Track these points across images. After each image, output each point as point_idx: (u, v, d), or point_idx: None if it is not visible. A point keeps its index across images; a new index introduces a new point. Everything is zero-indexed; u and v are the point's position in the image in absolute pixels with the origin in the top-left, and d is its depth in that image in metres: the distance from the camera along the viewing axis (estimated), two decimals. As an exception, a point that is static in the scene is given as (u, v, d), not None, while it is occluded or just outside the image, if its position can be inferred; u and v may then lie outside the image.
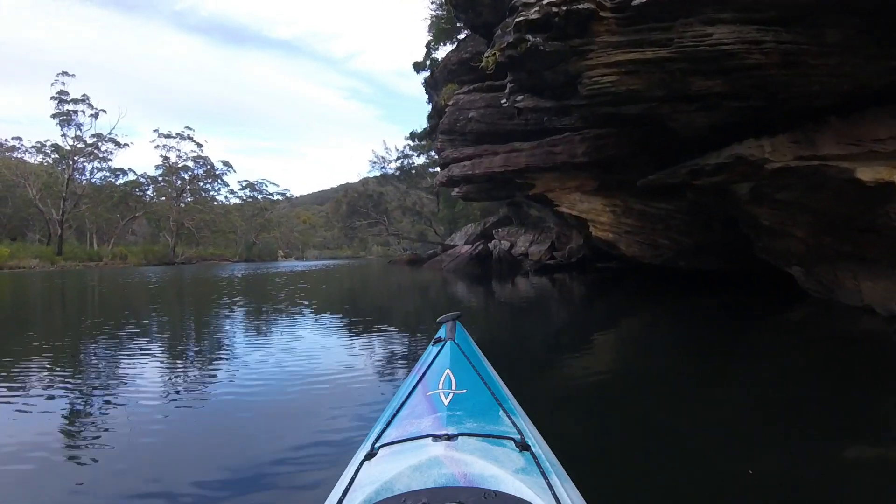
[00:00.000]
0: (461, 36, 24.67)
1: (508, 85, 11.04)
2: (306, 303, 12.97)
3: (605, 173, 14.48)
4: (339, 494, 1.40)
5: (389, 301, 14.64)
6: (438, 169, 23.16)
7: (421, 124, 47.27)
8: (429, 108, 27.72)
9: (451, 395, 1.92)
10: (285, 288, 18.78)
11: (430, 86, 22.36)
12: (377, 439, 1.72)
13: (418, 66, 37.27)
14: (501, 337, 8.38)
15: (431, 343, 2.70)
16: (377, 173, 58.27)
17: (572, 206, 15.50)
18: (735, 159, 9.79)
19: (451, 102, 18.05)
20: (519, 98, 11.07)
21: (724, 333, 8.13)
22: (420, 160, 53.79)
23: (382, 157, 57.01)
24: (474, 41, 18.74)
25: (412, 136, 49.94)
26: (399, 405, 1.97)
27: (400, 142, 67.42)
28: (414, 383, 2.14)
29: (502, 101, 12.11)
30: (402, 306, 13.09)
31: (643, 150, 13.37)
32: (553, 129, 14.72)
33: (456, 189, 21.50)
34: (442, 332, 2.68)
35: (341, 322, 9.53)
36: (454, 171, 17.67)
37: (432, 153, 49.92)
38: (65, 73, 60.94)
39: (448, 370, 2.14)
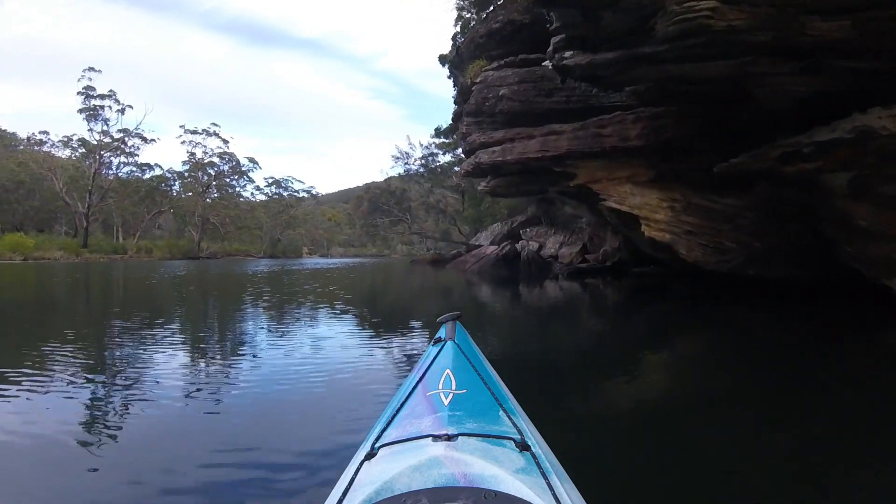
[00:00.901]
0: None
1: (552, 41, 8.41)
2: (318, 303, 12.13)
3: (663, 161, 11.85)
4: (339, 494, 1.33)
5: (405, 304, 13.50)
6: (461, 168, 20.40)
7: (446, 121, 44.55)
8: (454, 94, 25.08)
9: (451, 395, 1.85)
10: (297, 286, 18.09)
11: (454, 66, 19.47)
12: (377, 439, 1.65)
13: (444, 59, 35.13)
14: (529, 349, 7.18)
15: (431, 343, 2.61)
16: (400, 169, 56.16)
17: (622, 200, 12.86)
18: (859, 134, 7.13)
19: (478, 80, 15.27)
20: (567, 55, 8.47)
21: (799, 354, 6.68)
22: (445, 158, 50.84)
23: (406, 153, 54.26)
24: (506, 8, 15.89)
25: (437, 132, 46.96)
26: (399, 405, 1.89)
27: (425, 139, 65.39)
28: (414, 383, 2.04)
29: (545, 63, 9.51)
30: (418, 309, 11.88)
31: (708, 132, 10.96)
32: (600, 107, 12.13)
33: (483, 183, 18.92)
34: (442, 332, 2.57)
35: (352, 323, 9.14)
36: (482, 158, 15.04)
37: (458, 151, 47.22)
38: (91, 69, 60.76)
39: (448, 370, 2.06)
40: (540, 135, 13.06)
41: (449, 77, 28.95)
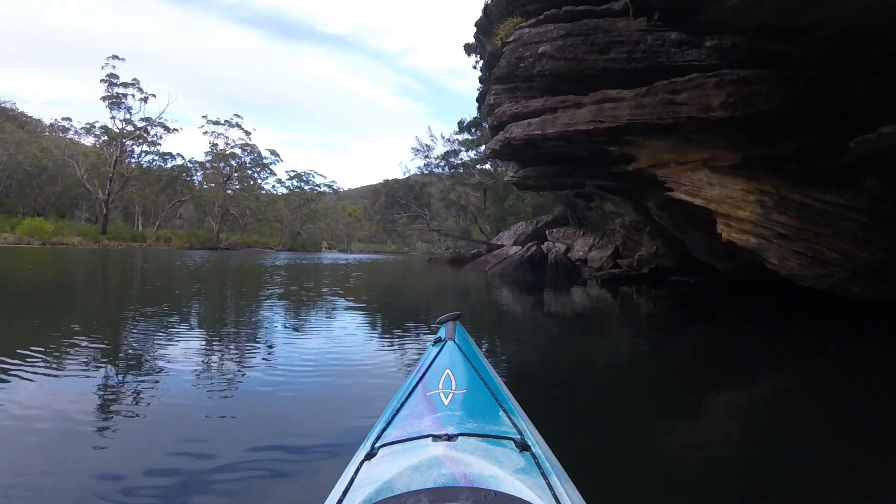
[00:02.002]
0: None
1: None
2: (324, 301, 11.51)
3: (752, 142, 8.84)
4: (339, 494, 1.30)
5: (414, 306, 12.18)
6: (486, 148, 17.10)
7: (471, 114, 41.29)
8: (480, 70, 21.98)
9: (451, 395, 1.82)
10: (299, 282, 17.28)
11: (482, 31, 16.12)
12: (377, 439, 1.62)
13: (470, 49, 32.40)
14: (545, 363, 6.25)
15: (431, 343, 2.57)
16: (420, 163, 51.39)
17: (695, 190, 9.79)
18: None
19: (510, 39, 11.99)
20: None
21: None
22: (468, 156, 47.11)
23: (426, 145, 49.74)
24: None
25: (460, 126, 43.43)
26: (399, 405, 1.86)
27: (447, 131, 61.61)
28: (414, 383, 2.00)
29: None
30: (428, 312, 10.37)
31: (816, 105, 8.06)
32: (672, 67, 9.11)
33: (510, 173, 15.92)
34: (442, 332, 2.52)
35: (356, 324, 8.57)
36: (514, 132, 11.89)
37: (482, 149, 44.07)
38: (115, 57, 58.75)
39: (448, 370, 2.03)
40: (592, 102, 9.89)
41: (476, 52, 26.17)
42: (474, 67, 34.54)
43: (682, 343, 8.28)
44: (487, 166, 43.66)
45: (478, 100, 16.41)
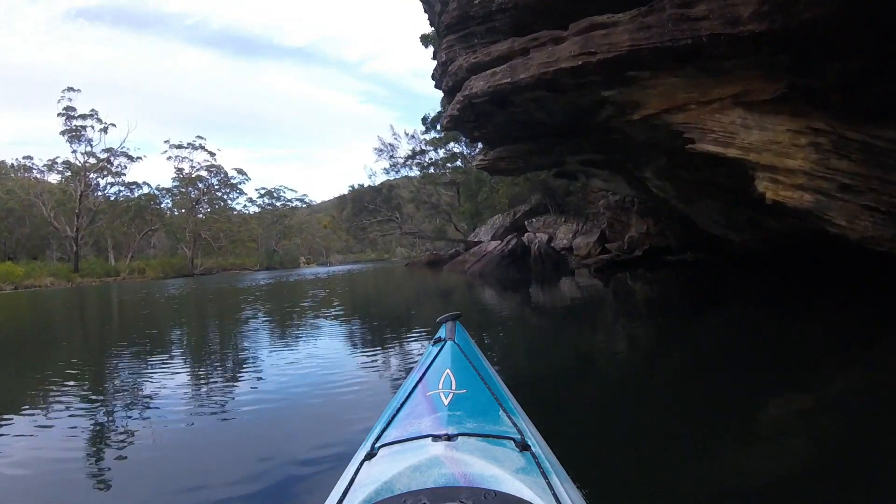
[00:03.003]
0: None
1: None
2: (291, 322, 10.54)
3: (794, 69, 6.31)
4: (339, 494, 1.28)
5: (391, 319, 10.47)
6: (442, 119, 14.31)
7: (435, 108, 38.63)
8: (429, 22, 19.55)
9: (451, 395, 1.77)
10: (257, 305, 15.76)
11: None
12: (377, 439, 1.59)
13: (426, 40, 30.02)
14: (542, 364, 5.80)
15: (431, 343, 2.47)
16: (386, 163, 47.26)
17: (728, 137, 7.36)
18: None
19: (462, -23, 9.30)
20: None
21: None
22: (437, 155, 44.03)
23: (390, 145, 45.93)
24: None
25: (425, 122, 40.52)
26: (399, 405, 1.82)
27: (411, 129, 57.08)
28: (414, 383, 1.97)
29: None
30: (407, 323, 9.45)
31: (868, 14, 5.97)
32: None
33: (479, 158, 13.40)
34: (442, 332, 2.43)
35: (338, 331, 8.52)
36: (475, 87, 9.19)
37: (451, 146, 41.34)
38: (70, 89, 55.25)
39: (448, 370, 1.97)
40: (575, 33, 7.33)
41: (431, 43, 23.81)
42: (433, 59, 32.26)
43: (694, 333, 7.06)
44: (458, 163, 41.04)
45: (433, 78, 13.70)
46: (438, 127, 39.80)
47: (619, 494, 2.56)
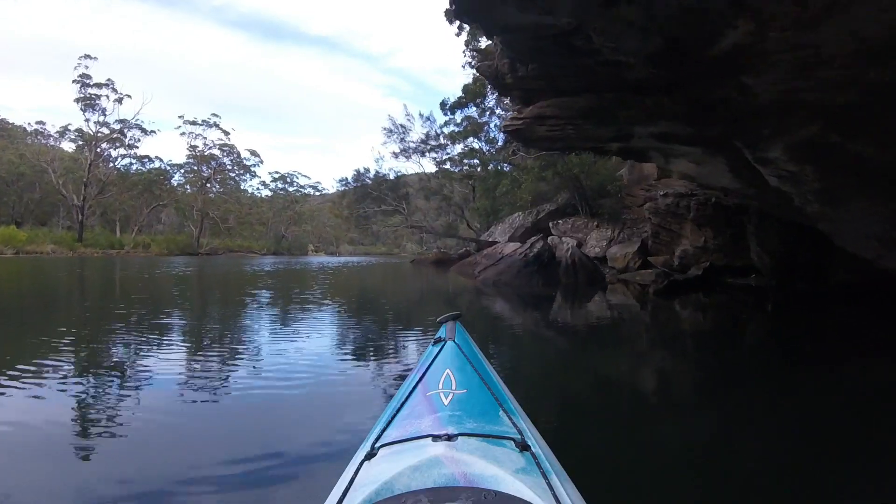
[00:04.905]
0: None
1: None
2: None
3: None
4: (339, 494, 1.23)
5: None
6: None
7: (455, 95, 33.98)
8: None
9: (451, 395, 1.71)
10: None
11: None
12: (377, 439, 1.52)
13: (449, 15, 25.74)
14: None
15: (431, 343, 2.35)
16: (395, 146, 40.40)
17: None
18: None
19: None
20: None
21: None
22: (455, 150, 38.71)
23: (402, 126, 39.35)
24: None
25: (443, 107, 35.54)
26: (399, 405, 1.75)
27: (426, 110, 50.09)
28: (414, 383, 1.89)
29: None
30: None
31: None
32: None
33: (510, 118, 9.07)
34: (442, 332, 2.32)
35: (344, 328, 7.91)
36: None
37: (470, 141, 36.62)
38: (87, 56, 51.49)
39: (448, 370, 1.90)
40: None
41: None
42: (457, 35, 28.07)
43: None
44: (476, 160, 36.25)
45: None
46: (460, 117, 35.18)
47: (619, 494, 2.44)
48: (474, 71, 32.26)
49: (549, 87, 7.81)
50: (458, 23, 27.02)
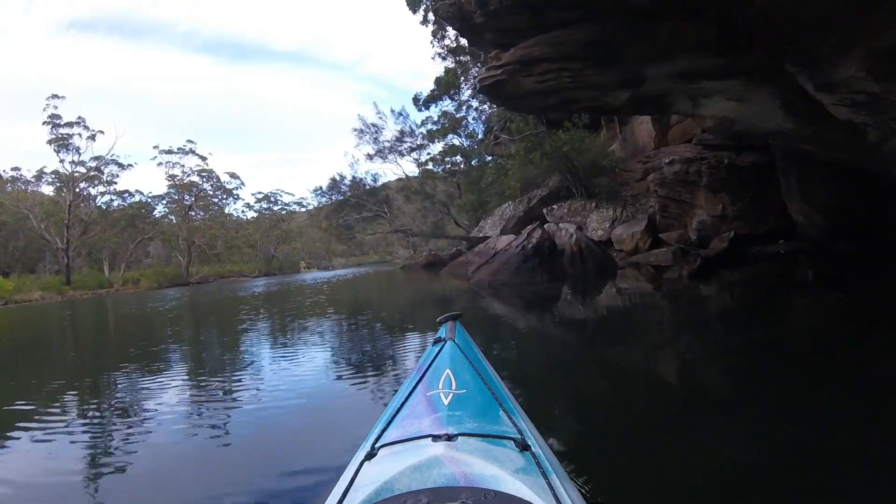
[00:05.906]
0: None
1: None
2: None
3: None
4: (340, 494, 1.23)
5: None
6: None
7: (428, 89, 31.83)
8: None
9: (451, 395, 1.68)
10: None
11: None
12: (377, 439, 1.52)
13: (412, 3, 23.96)
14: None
15: (432, 343, 2.32)
16: (369, 148, 37.30)
17: None
18: None
19: None
20: None
21: None
22: (436, 149, 36.37)
23: (373, 125, 36.32)
24: None
25: (416, 102, 33.11)
26: (399, 405, 1.74)
27: (397, 106, 46.37)
28: (414, 383, 1.87)
29: None
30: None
31: None
32: None
33: (486, 69, 6.98)
34: (442, 332, 2.27)
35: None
36: None
37: (450, 138, 34.46)
38: (55, 97, 49.61)
39: (448, 370, 1.87)
40: None
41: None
42: (422, 24, 26.29)
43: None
44: (458, 158, 34.06)
45: None
46: (436, 113, 33.11)
47: (619, 494, 2.35)
48: (445, 62, 30.47)
49: (532, 22, 5.76)
50: (422, 12, 25.07)
